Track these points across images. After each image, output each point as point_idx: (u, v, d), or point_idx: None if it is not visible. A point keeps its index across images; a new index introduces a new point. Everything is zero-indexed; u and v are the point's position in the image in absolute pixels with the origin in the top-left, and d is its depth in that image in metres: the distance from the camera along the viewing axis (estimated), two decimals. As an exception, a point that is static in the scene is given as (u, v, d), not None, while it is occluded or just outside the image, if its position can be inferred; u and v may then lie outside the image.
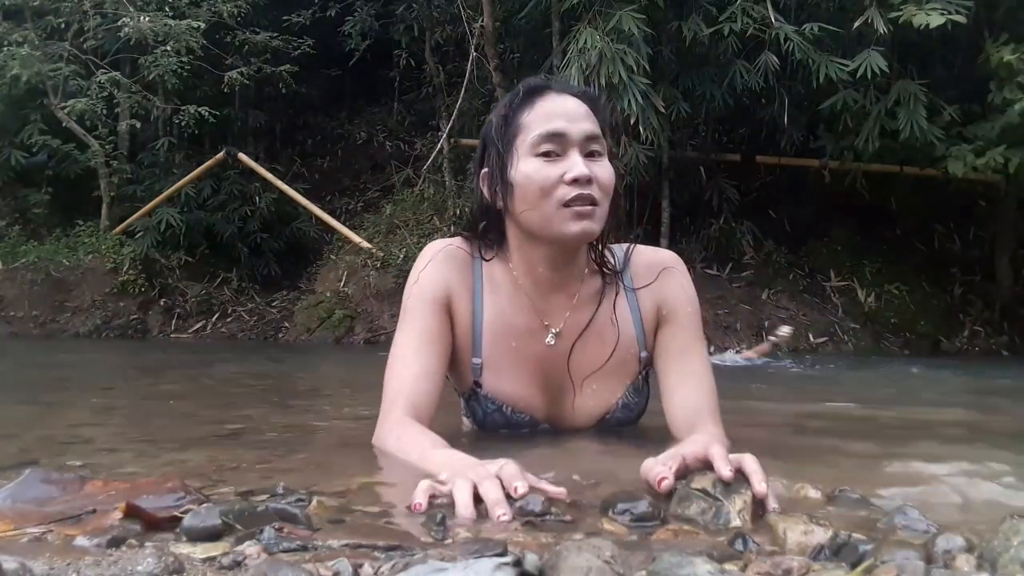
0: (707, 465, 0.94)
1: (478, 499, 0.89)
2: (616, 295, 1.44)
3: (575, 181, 1.29)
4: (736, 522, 0.85)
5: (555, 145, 1.31)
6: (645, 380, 1.49)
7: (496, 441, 1.41)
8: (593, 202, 1.30)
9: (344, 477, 1.08)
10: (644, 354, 1.46)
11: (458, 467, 0.98)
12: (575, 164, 1.30)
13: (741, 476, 0.92)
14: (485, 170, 1.42)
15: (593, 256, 1.44)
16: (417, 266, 1.44)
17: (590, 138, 1.33)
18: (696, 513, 0.88)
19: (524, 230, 1.38)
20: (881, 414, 2.58)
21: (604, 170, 1.33)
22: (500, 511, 0.85)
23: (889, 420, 2.42)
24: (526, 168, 1.32)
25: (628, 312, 1.45)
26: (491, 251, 1.45)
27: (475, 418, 1.48)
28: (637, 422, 1.50)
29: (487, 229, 1.45)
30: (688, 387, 1.40)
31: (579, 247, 1.40)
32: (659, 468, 0.95)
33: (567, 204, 1.30)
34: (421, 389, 1.33)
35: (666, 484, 0.92)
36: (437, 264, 1.42)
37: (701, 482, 0.91)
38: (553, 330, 1.42)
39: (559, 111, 1.34)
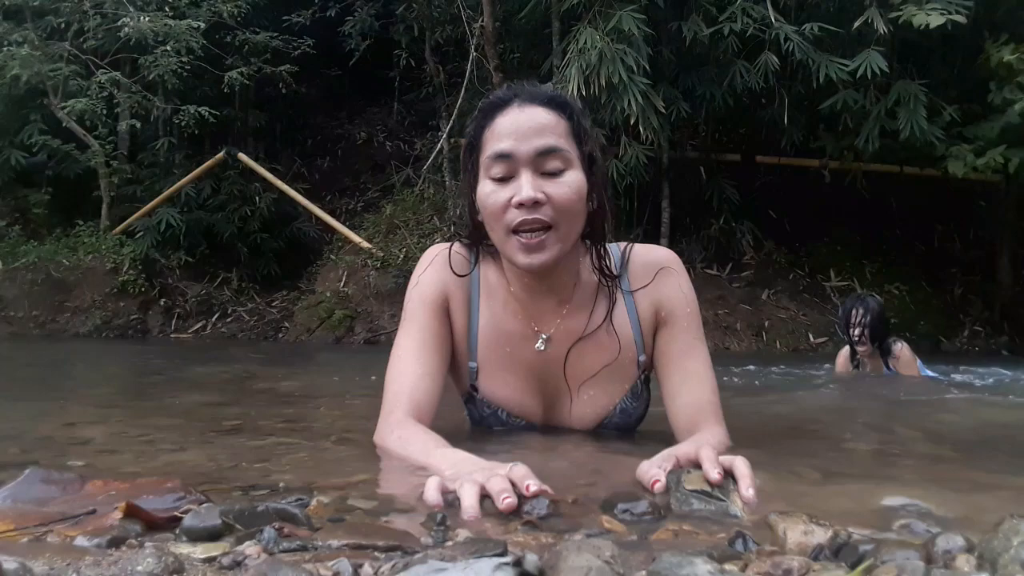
0: (698, 465, 0.96)
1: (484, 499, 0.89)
2: (613, 299, 1.41)
3: (520, 206, 1.25)
4: (741, 515, 0.87)
5: (504, 167, 1.27)
6: (644, 384, 1.46)
7: (497, 440, 1.41)
8: (545, 226, 1.26)
9: (344, 476, 1.08)
10: (642, 358, 1.43)
11: (464, 467, 0.99)
12: (520, 187, 1.25)
13: (732, 477, 0.94)
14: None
15: (593, 262, 1.40)
16: (418, 269, 1.45)
17: (543, 154, 1.26)
18: (698, 511, 0.88)
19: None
20: (889, 414, 2.58)
21: (561, 188, 1.26)
22: (504, 495, 0.86)
23: (899, 421, 2.42)
24: (482, 190, 1.31)
25: (625, 316, 1.41)
26: (486, 256, 1.45)
27: (473, 421, 1.50)
28: (636, 428, 1.49)
29: (483, 234, 1.44)
30: (690, 388, 1.38)
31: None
32: (654, 470, 0.97)
33: (515, 230, 1.26)
34: (422, 389, 1.34)
35: (659, 486, 0.94)
36: (436, 267, 1.43)
37: (694, 483, 0.92)
38: (543, 335, 1.41)
39: (510, 129, 1.27)
